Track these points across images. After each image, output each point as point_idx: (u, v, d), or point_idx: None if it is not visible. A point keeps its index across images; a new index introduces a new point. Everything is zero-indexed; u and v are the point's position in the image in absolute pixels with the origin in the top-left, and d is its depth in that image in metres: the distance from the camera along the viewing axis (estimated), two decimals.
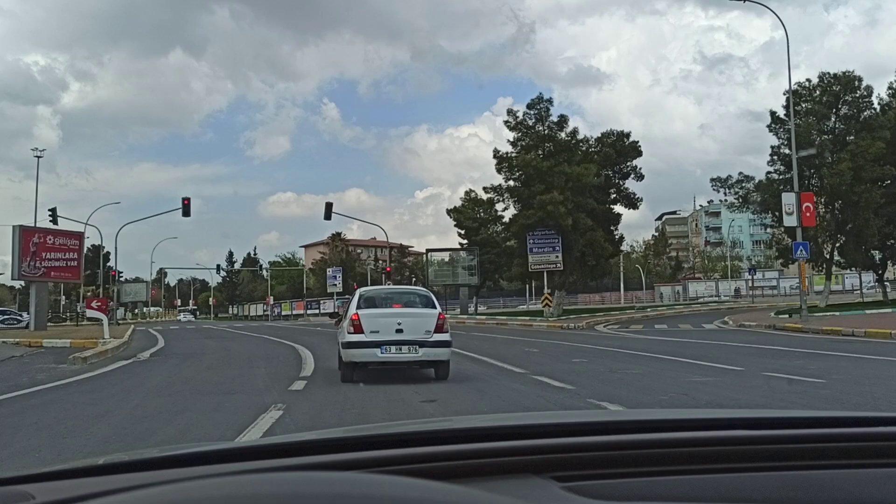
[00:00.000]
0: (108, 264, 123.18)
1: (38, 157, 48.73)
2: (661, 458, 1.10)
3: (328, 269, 71.11)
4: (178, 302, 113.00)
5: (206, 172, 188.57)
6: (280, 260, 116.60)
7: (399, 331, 10.36)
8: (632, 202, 41.65)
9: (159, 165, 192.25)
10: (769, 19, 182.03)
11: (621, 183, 41.58)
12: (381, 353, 10.30)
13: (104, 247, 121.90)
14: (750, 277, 56.11)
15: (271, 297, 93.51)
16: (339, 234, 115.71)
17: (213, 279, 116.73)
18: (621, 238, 44.37)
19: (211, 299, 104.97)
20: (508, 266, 53.32)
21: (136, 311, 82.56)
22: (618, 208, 42.09)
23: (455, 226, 54.43)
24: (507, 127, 39.58)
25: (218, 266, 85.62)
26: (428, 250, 51.44)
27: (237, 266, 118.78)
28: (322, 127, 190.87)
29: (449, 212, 54.71)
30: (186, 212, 44.65)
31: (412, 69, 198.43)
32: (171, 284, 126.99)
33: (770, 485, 1.05)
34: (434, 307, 11.08)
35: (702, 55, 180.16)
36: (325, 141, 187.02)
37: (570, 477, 1.02)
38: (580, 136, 40.00)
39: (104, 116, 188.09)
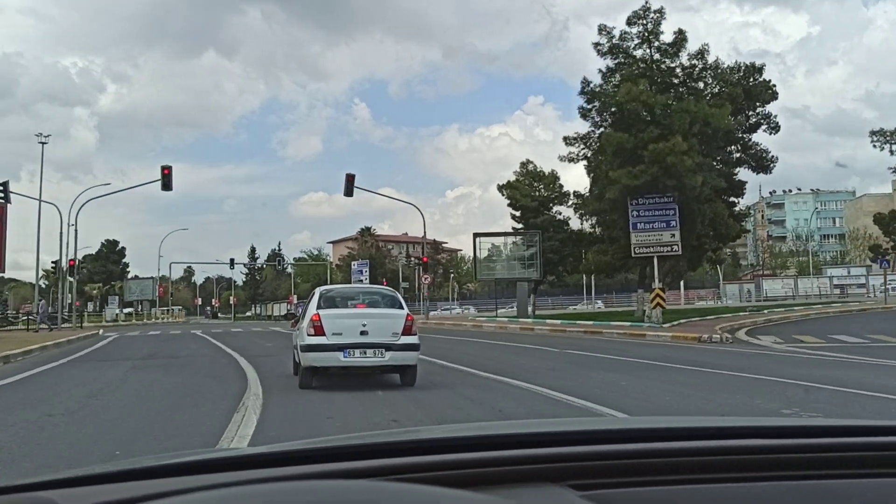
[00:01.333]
0: (124, 260, 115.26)
1: (43, 143, 47.40)
2: (678, 467, 1.08)
3: (353, 263, 59.83)
4: (199, 301, 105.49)
5: (239, 173, 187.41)
6: (305, 256, 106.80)
7: (364, 333, 9.47)
8: (762, 163, 29.51)
9: (193, 166, 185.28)
10: (805, 15, 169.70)
11: (748, 137, 29.54)
12: (345, 356, 9.40)
13: (118, 242, 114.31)
14: (883, 270, 43.45)
15: (295, 296, 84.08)
16: (368, 228, 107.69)
17: (238, 277, 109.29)
18: (744, 213, 32.27)
19: (232, 298, 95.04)
20: (575, 255, 41.61)
21: (141, 310, 71.90)
22: (742, 174, 30.17)
23: (508, 205, 42.75)
24: (598, 52, 27.99)
25: (231, 260, 74.67)
26: (477, 235, 39.70)
27: (259, 263, 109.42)
28: (353, 127, 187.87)
29: (501, 188, 42.98)
30: (167, 184, 33.83)
31: (443, 68, 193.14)
32: (199, 283, 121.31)
33: (788, 494, 1.04)
34: (401, 307, 10.21)
35: (737, 52, 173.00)
36: (356, 141, 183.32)
37: (588, 485, 1.01)
38: (703, 64, 27.61)
39: (139, 118, 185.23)
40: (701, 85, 28.01)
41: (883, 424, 1.28)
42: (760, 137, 29.68)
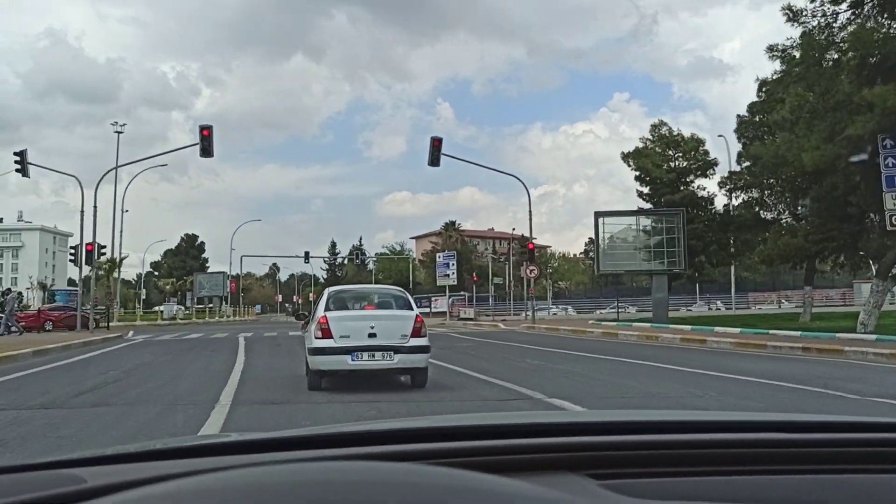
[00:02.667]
0: (203, 255, 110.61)
1: (119, 132, 47.60)
2: (697, 459, 1.08)
3: (438, 256, 51.25)
4: (280, 298, 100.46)
5: (326, 173, 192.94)
6: (387, 251, 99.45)
7: (372, 335, 9.03)
8: None
9: (283, 167, 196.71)
10: None
11: None
12: (353, 360, 8.98)
13: (196, 236, 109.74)
14: None
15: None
16: (453, 222, 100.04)
17: (319, 273, 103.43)
18: None
19: (311, 295, 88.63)
20: (720, 242, 31.66)
21: (213, 307, 65.31)
22: None
23: (636, 178, 33.17)
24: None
25: (306, 253, 67.58)
26: (600, 214, 30.16)
27: (339, 258, 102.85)
28: (436, 127, 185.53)
29: (627, 156, 33.40)
30: (206, 149, 26.04)
31: (527, 66, 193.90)
32: (283, 280, 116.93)
33: (808, 488, 1.03)
34: (411, 308, 9.82)
35: None
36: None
37: (607, 475, 1.01)
38: None
39: (231, 120, 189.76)
40: None
41: None
42: None
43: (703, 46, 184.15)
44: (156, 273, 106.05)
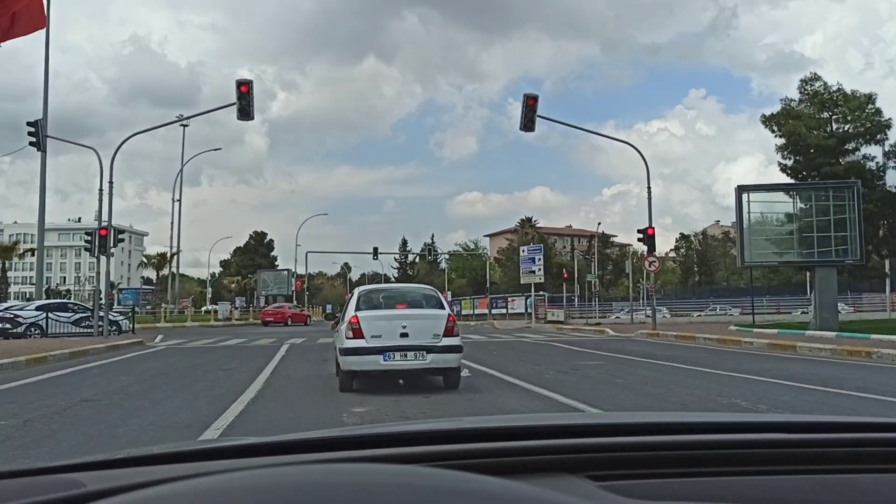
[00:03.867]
0: (272, 253, 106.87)
1: (185, 125, 46.69)
2: (696, 460, 1.07)
3: (522, 249, 44.75)
4: (349, 297, 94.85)
5: (398, 174, 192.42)
6: (460, 249, 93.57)
7: (404, 335, 8.87)
8: None
9: (356, 168, 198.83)
10: None
11: None
12: (384, 360, 8.81)
13: (265, 234, 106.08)
14: None
15: (449, 293, 71.36)
16: (529, 219, 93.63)
17: (389, 272, 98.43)
18: None
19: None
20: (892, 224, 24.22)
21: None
22: None
23: (781, 148, 25.94)
24: None
25: (375, 249, 62.06)
26: (742, 188, 23.02)
27: (411, 257, 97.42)
28: (507, 126, 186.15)
29: (767, 120, 26.28)
30: (244, 109, 20.64)
31: (600, 63, 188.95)
32: (355, 279, 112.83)
33: (807, 488, 1.01)
34: (442, 307, 9.62)
35: None
36: (510, 140, 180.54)
37: (605, 476, 1.00)
38: None
39: (305, 123, 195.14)
40: None
41: None
42: None
43: (783, 40, 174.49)
44: (225, 272, 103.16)
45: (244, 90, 20.46)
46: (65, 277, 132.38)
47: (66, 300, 31.99)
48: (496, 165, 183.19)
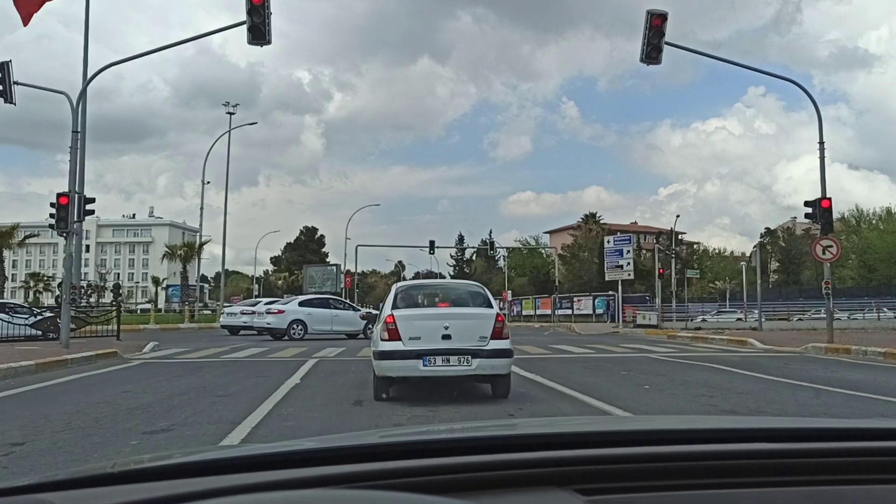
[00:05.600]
0: (323, 249, 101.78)
1: (231, 112, 42.98)
2: (687, 472, 1.03)
3: (608, 240, 37.58)
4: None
5: (452, 174, 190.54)
6: (520, 246, 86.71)
7: (446, 337, 7.82)
8: None
9: (410, 168, 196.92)
10: None
11: None
12: (425, 365, 7.73)
13: (316, 229, 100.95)
14: None
15: (509, 292, 65.59)
16: (593, 214, 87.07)
17: (445, 270, 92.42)
18: None
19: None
20: None
21: None
22: None
23: None
24: None
25: (431, 243, 55.60)
26: None
27: (468, 254, 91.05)
28: (561, 126, 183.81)
29: None
30: (257, 29, 14.33)
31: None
32: (409, 278, 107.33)
33: (797, 500, 1.00)
34: (490, 306, 8.46)
35: None
36: (565, 140, 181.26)
37: (594, 490, 0.97)
38: None
39: (360, 123, 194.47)
40: None
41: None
42: None
43: (846, 36, 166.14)
44: (276, 269, 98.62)
45: (256, 2, 14.41)
46: (118, 273, 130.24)
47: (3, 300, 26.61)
48: (550, 165, 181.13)
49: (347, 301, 27.34)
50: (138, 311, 74.75)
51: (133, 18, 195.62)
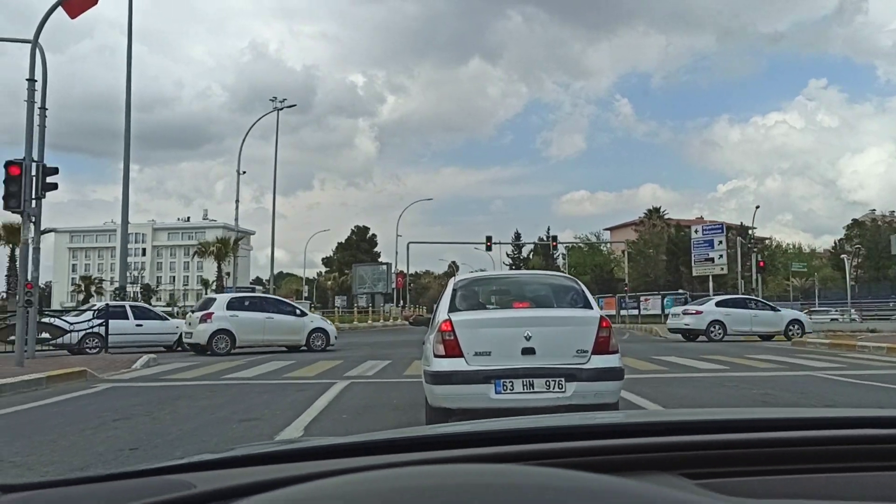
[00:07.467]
0: (375, 249, 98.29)
1: (278, 107, 40.04)
2: (791, 457, 1.03)
3: (694, 229, 32.64)
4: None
5: (504, 174, 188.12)
6: (580, 243, 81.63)
7: (528, 351, 5.53)
8: None
9: (462, 169, 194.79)
10: None
11: None
12: (497, 392, 5.42)
13: (367, 228, 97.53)
14: None
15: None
16: (657, 209, 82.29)
17: (502, 269, 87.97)
18: None
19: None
20: None
21: (373, 307, 50.69)
22: None
23: None
24: None
25: (488, 238, 51.15)
26: None
27: (525, 252, 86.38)
28: (615, 123, 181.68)
29: None
30: None
31: (713, 55, 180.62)
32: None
33: None
34: (589, 306, 6.07)
35: None
36: (619, 137, 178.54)
37: (699, 475, 0.96)
38: None
39: (412, 126, 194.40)
40: None
41: None
42: None
43: None
44: (326, 270, 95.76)
45: None
46: (174, 277, 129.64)
47: None
48: (604, 163, 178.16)
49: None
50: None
51: (192, 30, 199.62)
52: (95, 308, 19.27)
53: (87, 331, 17.34)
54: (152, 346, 18.83)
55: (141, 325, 19.21)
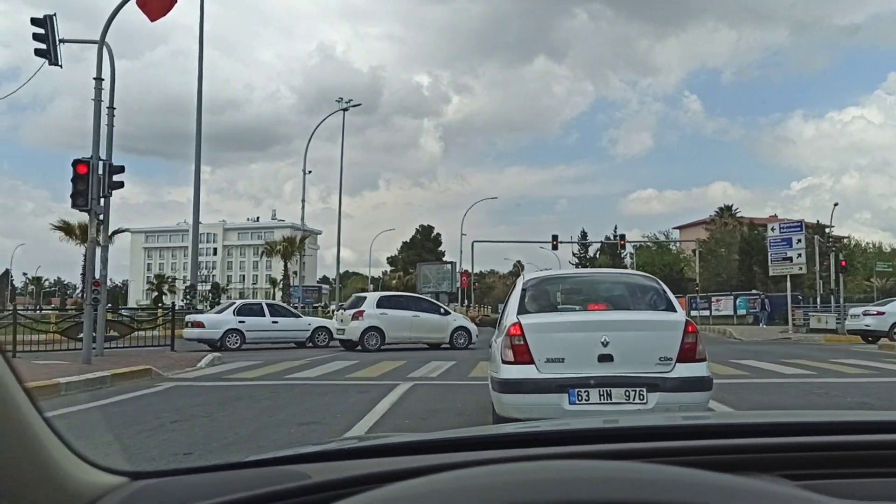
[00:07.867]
0: (440, 248, 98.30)
1: (344, 108, 42.12)
2: (890, 460, 1.01)
3: (771, 228, 31.21)
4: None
5: (569, 173, 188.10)
6: (648, 242, 79.62)
7: (605, 358, 5.12)
8: None
9: (527, 169, 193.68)
10: None
11: None
12: (572, 402, 5.07)
13: (432, 227, 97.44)
14: None
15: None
16: (729, 207, 79.98)
17: (567, 268, 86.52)
18: None
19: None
20: None
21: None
22: None
23: None
24: None
25: (554, 237, 50.24)
26: None
27: (592, 251, 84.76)
28: (683, 121, 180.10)
29: None
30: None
31: (787, 50, 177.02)
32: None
33: None
34: (672, 308, 5.61)
35: None
36: (687, 135, 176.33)
37: (799, 476, 0.95)
38: None
39: (477, 125, 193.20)
40: None
41: None
42: None
43: None
44: (391, 269, 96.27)
45: None
46: (244, 276, 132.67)
47: None
48: (672, 161, 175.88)
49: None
50: None
51: (261, 34, 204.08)
52: (235, 305, 20.38)
53: (228, 328, 18.50)
54: (287, 342, 19.82)
55: (276, 322, 19.90)
